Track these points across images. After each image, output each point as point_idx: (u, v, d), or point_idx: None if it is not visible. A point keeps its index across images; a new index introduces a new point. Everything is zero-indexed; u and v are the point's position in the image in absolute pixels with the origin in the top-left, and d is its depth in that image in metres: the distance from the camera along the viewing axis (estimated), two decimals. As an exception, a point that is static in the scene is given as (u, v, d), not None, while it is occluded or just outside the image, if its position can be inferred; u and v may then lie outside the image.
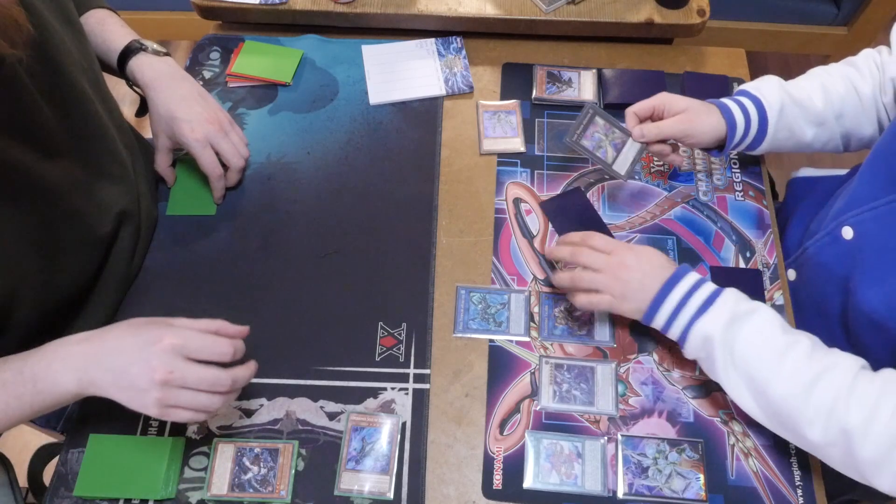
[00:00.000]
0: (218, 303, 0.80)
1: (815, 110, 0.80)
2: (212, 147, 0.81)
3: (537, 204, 0.87)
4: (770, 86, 0.81)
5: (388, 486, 0.70)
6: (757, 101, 0.80)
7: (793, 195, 0.95)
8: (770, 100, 0.80)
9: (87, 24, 0.83)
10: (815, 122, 0.81)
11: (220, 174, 0.83)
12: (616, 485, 0.70)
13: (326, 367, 0.76)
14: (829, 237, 0.77)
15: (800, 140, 0.82)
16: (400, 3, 0.99)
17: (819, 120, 0.80)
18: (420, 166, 0.91)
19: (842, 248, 0.74)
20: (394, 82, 0.97)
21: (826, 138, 0.82)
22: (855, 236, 0.73)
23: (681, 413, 0.74)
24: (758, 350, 0.64)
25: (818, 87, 0.81)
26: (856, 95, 0.80)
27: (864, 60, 0.82)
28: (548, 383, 0.75)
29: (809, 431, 0.61)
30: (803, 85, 0.82)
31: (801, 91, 0.81)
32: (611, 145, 0.81)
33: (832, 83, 0.81)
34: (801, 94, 0.80)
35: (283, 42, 1.01)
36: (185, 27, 1.78)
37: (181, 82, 0.81)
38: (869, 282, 0.70)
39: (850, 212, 0.74)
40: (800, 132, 0.81)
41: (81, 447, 0.71)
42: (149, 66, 0.80)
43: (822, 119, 0.80)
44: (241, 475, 0.70)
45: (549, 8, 0.99)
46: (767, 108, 0.80)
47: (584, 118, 0.81)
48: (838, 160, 1.85)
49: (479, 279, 0.82)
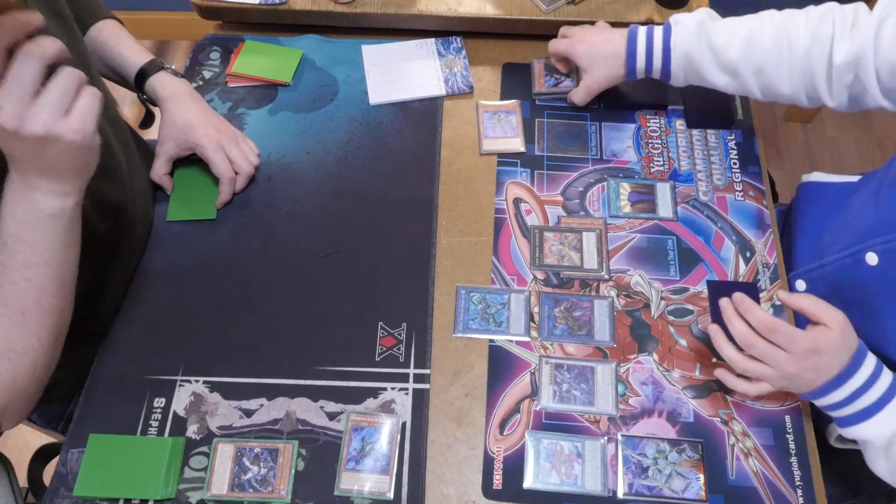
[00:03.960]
0: (217, 303, 0.80)
1: (729, 60, 0.77)
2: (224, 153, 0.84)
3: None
4: (689, 22, 0.80)
5: (388, 486, 0.70)
6: (667, 36, 0.81)
7: (803, 200, 0.92)
8: (678, 39, 0.80)
9: (99, 35, 0.86)
10: (728, 71, 0.79)
11: (232, 177, 0.85)
12: (616, 485, 0.70)
13: (326, 367, 0.76)
14: (850, 259, 0.74)
15: (710, 83, 0.82)
16: (400, 3, 0.99)
17: (732, 69, 0.78)
18: (420, 166, 0.91)
19: (863, 272, 0.71)
20: (394, 82, 0.97)
21: (742, 88, 0.80)
22: (880, 264, 0.69)
23: (681, 413, 0.74)
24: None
25: (743, 35, 0.77)
26: (785, 51, 0.75)
27: (820, 15, 0.74)
28: (548, 383, 0.75)
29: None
30: (730, 29, 0.78)
31: (721, 35, 0.78)
32: None
33: (762, 33, 0.76)
34: (720, 39, 0.77)
35: (283, 42, 1.01)
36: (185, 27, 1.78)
37: (198, 100, 0.87)
38: (890, 309, 0.68)
39: (878, 238, 0.70)
40: (709, 76, 0.81)
41: (81, 447, 0.71)
42: (171, 84, 0.85)
43: (735, 70, 0.78)
44: (241, 475, 0.70)
45: (548, 8, 0.99)
46: (672, 48, 0.80)
47: None
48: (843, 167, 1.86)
49: (479, 279, 0.82)
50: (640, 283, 0.82)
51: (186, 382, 0.75)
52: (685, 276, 0.82)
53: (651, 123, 0.95)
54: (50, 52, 0.55)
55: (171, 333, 0.78)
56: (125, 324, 0.79)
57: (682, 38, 0.80)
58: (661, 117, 0.95)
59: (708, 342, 0.78)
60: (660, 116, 0.95)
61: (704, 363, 0.77)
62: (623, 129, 0.94)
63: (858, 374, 0.63)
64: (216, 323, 0.79)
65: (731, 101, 0.96)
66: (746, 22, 0.79)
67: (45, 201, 0.60)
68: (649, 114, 0.95)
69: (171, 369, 0.76)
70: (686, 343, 0.78)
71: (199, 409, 0.74)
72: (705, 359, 0.77)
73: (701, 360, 0.77)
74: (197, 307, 0.80)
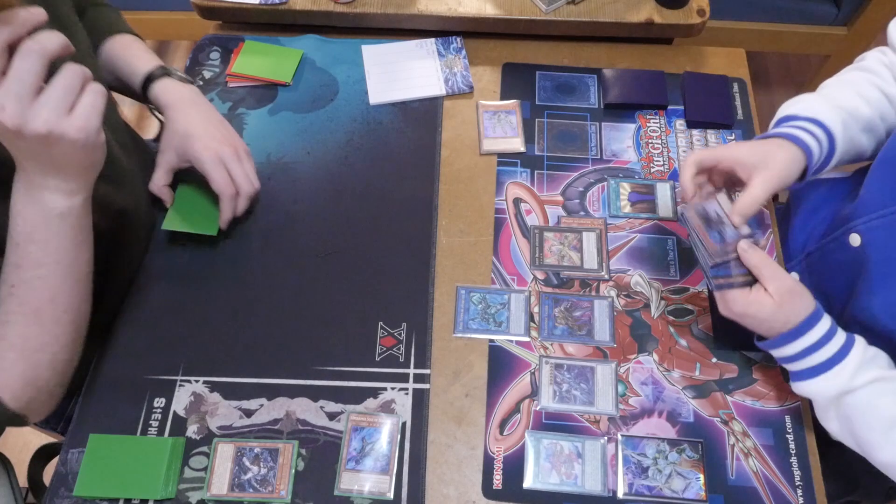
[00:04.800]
0: (217, 303, 0.80)
1: (865, 117, 0.75)
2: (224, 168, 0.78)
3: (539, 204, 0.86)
4: (818, 104, 0.76)
5: (388, 486, 0.70)
6: (818, 123, 0.74)
7: (795, 196, 0.94)
8: (829, 117, 0.75)
9: (112, 48, 0.83)
10: (867, 129, 0.77)
11: (233, 194, 0.78)
12: (616, 485, 0.70)
13: (326, 367, 0.76)
14: (835, 243, 0.76)
15: (858, 150, 0.77)
16: (400, 2, 0.99)
17: (869, 126, 0.76)
18: (420, 166, 0.91)
19: (848, 254, 0.74)
20: (394, 82, 0.97)
21: (876, 143, 0.78)
22: (862, 244, 0.72)
23: (681, 413, 0.74)
24: (866, 418, 0.64)
25: (855, 94, 0.76)
26: (883, 95, 0.76)
27: (874, 63, 0.78)
28: (548, 383, 0.75)
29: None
30: (842, 94, 0.77)
31: (846, 101, 0.76)
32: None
33: (862, 88, 0.77)
34: (848, 103, 0.76)
35: (283, 42, 1.01)
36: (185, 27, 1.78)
37: (203, 106, 0.81)
38: (873, 289, 0.70)
39: (859, 219, 0.72)
40: (858, 142, 0.77)
41: (81, 447, 0.71)
42: (173, 90, 0.80)
43: (871, 124, 0.76)
44: (241, 475, 0.70)
45: (548, 8, 0.99)
46: (831, 127, 0.74)
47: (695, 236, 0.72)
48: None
49: (479, 279, 0.82)
50: (640, 283, 0.82)
51: (186, 382, 0.75)
52: (685, 276, 0.82)
53: (651, 123, 0.95)
54: (51, 47, 0.53)
55: (171, 333, 0.78)
56: (125, 324, 0.79)
57: (825, 114, 0.74)
58: (661, 117, 0.95)
59: (708, 342, 0.78)
60: (660, 116, 0.95)
61: (704, 363, 0.77)
62: (623, 129, 0.94)
63: (810, 334, 0.65)
64: (216, 323, 0.79)
65: (731, 101, 0.96)
66: (840, 86, 0.78)
67: (54, 200, 0.60)
68: (649, 114, 0.95)
69: (171, 369, 0.76)
70: (686, 343, 0.78)
71: (199, 409, 0.74)
72: (705, 359, 0.77)
73: (701, 360, 0.77)
74: (197, 307, 0.80)
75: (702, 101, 0.94)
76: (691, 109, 0.95)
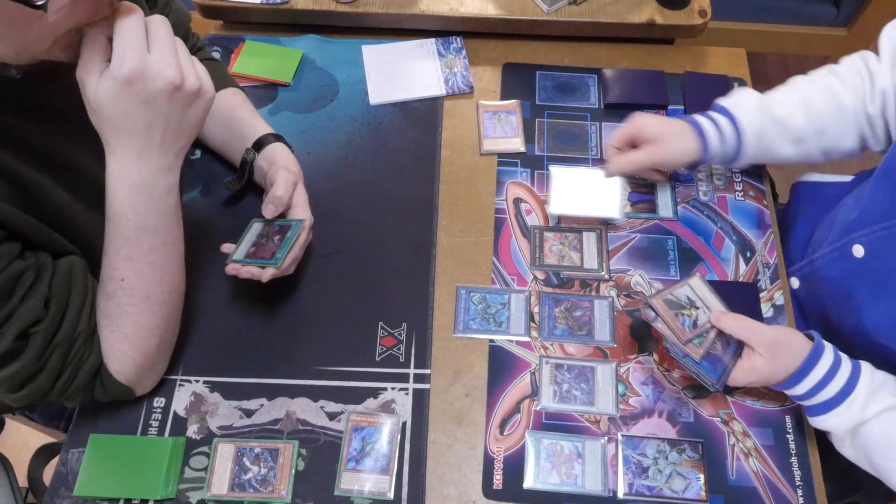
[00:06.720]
0: (218, 303, 0.80)
1: (796, 128, 0.78)
2: (285, 211, 0.77)
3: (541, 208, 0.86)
4: (748, 104, 0.80)
5: (388, 486, 0.70)
6: (734, 122, 0.79)
7: (797, 200, 0.93)
8: (746, 121, 0.79)
9: (227, 101, 0.84)
10: (795, 140, 0.79)
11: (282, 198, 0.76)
12: (616, 485, 0.70)
13: (326, 367, 0.76)
14: (837, 252, 0.76)
15: (777, 157, 0.81)
16: (401, 3, 0.99)
17: (799, 137, 0.79)
18: (420, 166, 0.91)
19: (851, 264, 0.73)
20: (394, 82, 0.97)
21: (804, 154, 0.81)
22: (866, 255, 0.71)
23: (681, 413, 0.74)
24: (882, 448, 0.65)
25: (798, 103, 0.78)
26: (838, 110, 0.77)
27: (847, 70, 0.79)
28: (548, 383, 0.75)
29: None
30: (783, 100, 0.79)
31: (781, 107, 0.79)
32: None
33: (813, 97, 0.78)
34: (781, 111, 0.78)
35: (284, 42, 1.01)
36: (185, 27, 1.78)
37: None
38: (876, 300, 0.70)
39: (863, 230, 0.72)
40: (778, 150, 0.80)
41: (81, 447, 0.71)
42: (281, 153, 0.81)
43: (802, 136, 0.79)
44: (241, 475, 0.70)
45: (550, 8, 0.99)
46: (743, 132, 0.79)
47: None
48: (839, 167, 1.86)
49: (480, 279, 0.82)
50: (640, 283, 0.82)
51: (186, 382, 0.75)
52: (685, 277, 0.82)
53: (651, 124, 0.94)
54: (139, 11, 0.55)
55: (171, 333, 0.78)
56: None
57: (749, 119, 0.79)
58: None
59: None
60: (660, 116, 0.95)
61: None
62: (623, 129, 0.94)
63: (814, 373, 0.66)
64: (216, 323, 0.79)
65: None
66: (792, 90, 0.80)
67: (162, 180, 0.61)
68: (650, 114, 0.95)
69: (171, 369, 0.76)
70: (686, 343, 0.78)
71: (199, 409, 0.74)
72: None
73: (701, 360, 0.77)
74: (197, 307, 0.80)
75: (702, 100, 0.94)
76: (692, 109, 0.94)
